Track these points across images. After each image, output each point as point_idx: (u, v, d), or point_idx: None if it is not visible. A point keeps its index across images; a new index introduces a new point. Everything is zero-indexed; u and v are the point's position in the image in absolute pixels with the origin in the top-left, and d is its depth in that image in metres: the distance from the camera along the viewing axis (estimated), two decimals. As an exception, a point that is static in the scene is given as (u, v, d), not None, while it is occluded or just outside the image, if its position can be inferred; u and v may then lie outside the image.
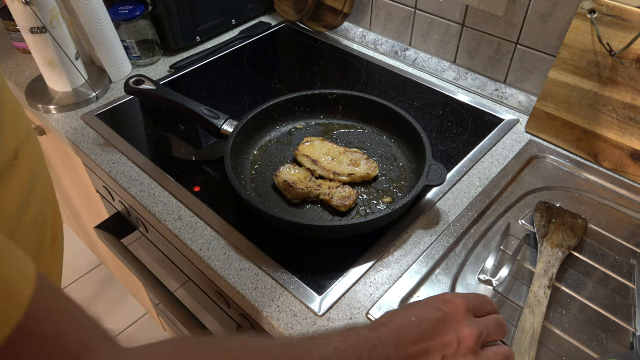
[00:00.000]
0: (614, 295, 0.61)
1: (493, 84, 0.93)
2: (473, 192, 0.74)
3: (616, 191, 0.74)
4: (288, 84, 0.99)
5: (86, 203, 1.27)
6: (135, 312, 1.69)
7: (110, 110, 0.92)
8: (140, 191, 0.76)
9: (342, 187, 0.71)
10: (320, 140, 0.78)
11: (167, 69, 1.04)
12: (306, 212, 0.70)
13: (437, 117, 0.89)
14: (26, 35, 0.85)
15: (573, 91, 0.78)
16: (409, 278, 0.62)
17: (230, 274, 0.64)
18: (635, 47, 0.70)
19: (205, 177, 0.77)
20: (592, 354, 0.55)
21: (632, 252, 0.66)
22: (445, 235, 0.68)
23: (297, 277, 0.63)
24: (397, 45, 1.05)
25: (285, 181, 0.70)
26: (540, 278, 0.61)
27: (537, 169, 0.78)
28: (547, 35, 0.83)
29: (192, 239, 0.68)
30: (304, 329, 0.58)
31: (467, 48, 0.95)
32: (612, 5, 0.70)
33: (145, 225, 0.86)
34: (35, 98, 0.93)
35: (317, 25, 1.14)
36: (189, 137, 0.86)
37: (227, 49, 1.10)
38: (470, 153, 0.81)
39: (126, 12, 0.97)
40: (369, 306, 0.60)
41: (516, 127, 0.86)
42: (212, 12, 1.10)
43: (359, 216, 0.69)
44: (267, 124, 0.81)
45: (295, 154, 0.77)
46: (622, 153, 0.76)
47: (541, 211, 0.69)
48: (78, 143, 0.85)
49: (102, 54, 0.95)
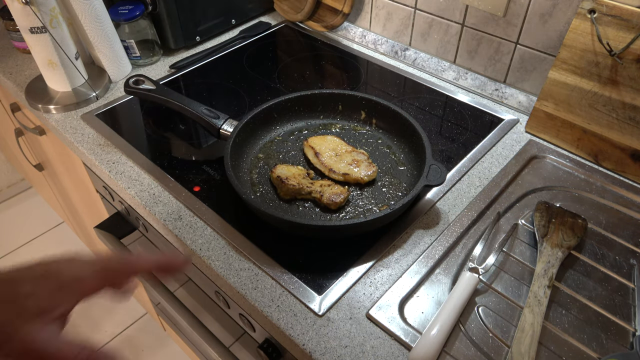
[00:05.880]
0: (614, 295, 0.61)
1: (493, 84, 0.93)
2: (473, 192, 0.74)
3: (616, 191, 0.74)
4: (288, 84, 0.99)
5: (86, 203, 1.27)
6: (135, 312, 1.69)
7: (110, 110, 0.92)
8: (140, 191, 0.76)
9: (334, 186, 0.71)
10: (332, 136, 0.79)
11: (167, 69, 1.04)
12: (295, 209, 0.70)
13: (437, 117, 0.89)
14: (26, 35, 0.85)
15: (573, 91, 0.78)
16: (409, 278, 0.62)
17: (230, 274, 0.64)
18: (635, 47, 0.70)
19: (205, 177, 0.77)
20: (592, 354, 0.55)
21: (632, 252, 0.66)
22: (445, 235, 0.68)
23: (297, 277, 0.63)
24: (397, 45, 1.05)
25: (279, 177, 0.71)
26: (540, 278, 0.61)
27: (537, 169, 0.78)
28: (547, 35, 0.83)
29: (192, 239, 0.68)
30: (304, 329, 0.58)
31: (467, 48, 0.95)
32: (612, 5, 0.70)
33: (145, 225, 0.86)
34: (35, 98, 0.93)
35: (317, 25, 1.14)
36: (189, 137, 0.86)
37: (227, 49, 1.10)
38: (470, 153, 0.81)
39: (126, 12, 0.97)
40: (369, 306, 0.60)
41: (516, 127, 0.86)
42: (212, 12, 1.10)
43: (358, 216, 0.69)
44: (267, 124, 0.81)
45: (303, 144, 0.78)
46: (622, 153, 0.76)
47: (541, 211, 0.69)
48: (78, 143, 0.85)
49: (102, 54, 0.95)
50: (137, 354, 1.58)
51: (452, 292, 0.59)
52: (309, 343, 0.57)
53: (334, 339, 0.57)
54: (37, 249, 1.91)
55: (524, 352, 0.54)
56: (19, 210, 2.07)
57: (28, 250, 1.90)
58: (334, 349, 0.56)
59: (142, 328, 1.65)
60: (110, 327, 1.64)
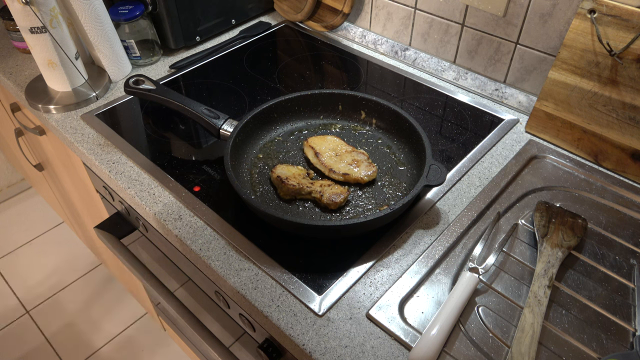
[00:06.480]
0: (614, 295, 0.61)
1: (493, 84, 0.93)
2: (473, 192, 0.74)
3: (616, 191, 0.74)
4: (288, 84, 0.99)
5: (86, 203, 1.27)
6: (135, 312, 1.69)
7: (110, 110, 0.92)
8: (140, 191, 0.76)
9: (334, 186, 0.71)
10: (332, 136, 0.79)
11: (167, 69, 1.04)
12: (295, 209, 0.70)
13: (437, 117, 0.89)
14: (26, 35, 0.85)
15: (573, 91, 0.78)
16: (409, 278, 0.62)
17: (230, 274, 0.64)
18: (635, 47, 0.70)
19: (205, 177, 0.77)
20: (592, 354, 0.55)
21: (632, 252, 0.66)
22: (445, 235, 0.68)
23: (297, 277, 0.63)
24: (397, 45, 1.05)
25: (279, 177, 0.71)
26: (540, 278, 0.61)
27: (537, 169, 0.78)
28: (547, 35, 0.83)
29: (192, 239, 0.68)
30: (304, 329, 0.58)
31: (467, 48, 0.95)
32: (612, 5, 0.70)
33: (145, 225, 0.86)
34: (35, 98, 0.93)
35: (317, 25, 1.14)
36: (189, 137, 0.86)
37: (227, 49, 1.10)
38: (470, 153, 0.81)
39: (126, 12, 0.97)
40: (369, 306, 0.60)
41: (516, 127, 0.86)
42: (212, 12, 1.10)
43: (358, 216, 0.69)
44: (267, 124, 0.82)
45: (303, 144, 0.78)
46: (622, 153, 0.76)
47: (541, 211, 0.69)
48: (78, 143, 0.85)
49: (102, 54, 0.95)
50: (137, 354, 1.58)
51: (452, 292, 0.59)
52: (309, 343, 0.57)
53: (334, 339, 0.57)
54: (37, 249, 1.91)
55: (524, 352, 0.54)
56: (19, 210, 2.07)
57: (28, 250, 1.90)
58: (334, 349, 0.56)
59: (142, 328, 1.65)
60: (110, 327, 1.64)
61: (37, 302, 1.72)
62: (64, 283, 1.78)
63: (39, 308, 1.71)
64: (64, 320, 1.67)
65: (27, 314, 1.69)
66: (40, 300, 1.73)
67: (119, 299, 1.73)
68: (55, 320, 1.66)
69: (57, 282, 1.78)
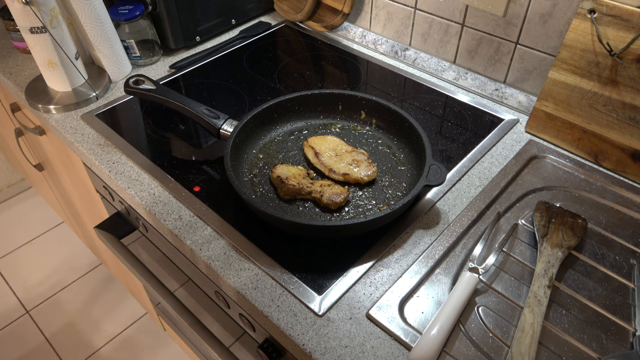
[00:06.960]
0: (614, 295, 0.61)
1: (493, 84, 0.93)
2: (473, 192, 0.74)
3: (616, 191, 0.74)
4: (288, 84, 0.99)
5: (86, 203, 1.27)
6: (135, 312, 1.69)
7: (110, 110, 0.92)
8: (140, 191, 0.76)
9: (334, 186, 0.71)
10: (332, 136, 0.79)
11: (167, 69, 1.04)
12: (295, 209, 0.70)
13: (437, 117, 0.89)
14: (26, 35, 0.85)
15: (573, 91, 0.78)
16: (409, 278, 0.62)
17: (230, 274, 0.64)
18: (635, 47, 0.70)
19: (205, 177, 0.77)
20: (592, 354, 0.55)
21: (632, 252, 0.66)
22: (445, 235, 0.68)
23: (297, 277, 0.63)
24: (397, 45, 1.05)
25: (279, 177, 0.71)
26: (540, 278, 0.61)
27: (537, 169, 0.78)
28: (547, 35, 0.83)
29: (192, 239, 0.68)
30: (304, 329, 0.58)
31: (467, 48, 0.95)
32: (612, 5, 0.70)
33: (145, 225, 0.86)
34: (35, 98, 0.93)
35: (317, 25, 1.14)
36: (189, 137, 0.86)
37: (227, 49, 1.10)
38: (470, 153, 0.81)
39: (126, 12, 0.97)
40: (369, 306, 0.60)
41: (516, 127, 0.86)
42: (212, 12, 1.10)
43: (358, 216, 0.69)
44: (267, 124, 0.82)
45: (303, 144, 0.78)
46: (622, 153, 0.76)
47: (541, 211, 0.69)
48: (78, 143, 0.85)
49: (102, 54, 0.95)
50: (137, 354, 1.58)
51: (452, 292, 0.59)
52: (309, 343, 0.57)
53: (334, 339, 0.57)
54: (37, 249, 1.91)
55: (524, 352, 0.54)
56: (19, 210, 2.07)
57: (28, 250, 1.90)
58: (334, 349, 0.56)
59: (142, 328, 1.65)
60: (110, 327, 1.64)
61: (37, 302, 1.72)
62: (64, 283, 1.78)
63: (39, 308, 1.71)
64: (64, 320, 1.67)
65: (27, 314, 1.69)
66: (40, 300, 1.73)
67: (119, 299, 1.73)
68: (55, 320, 1.66)
69: (57, 282, 1.78)
